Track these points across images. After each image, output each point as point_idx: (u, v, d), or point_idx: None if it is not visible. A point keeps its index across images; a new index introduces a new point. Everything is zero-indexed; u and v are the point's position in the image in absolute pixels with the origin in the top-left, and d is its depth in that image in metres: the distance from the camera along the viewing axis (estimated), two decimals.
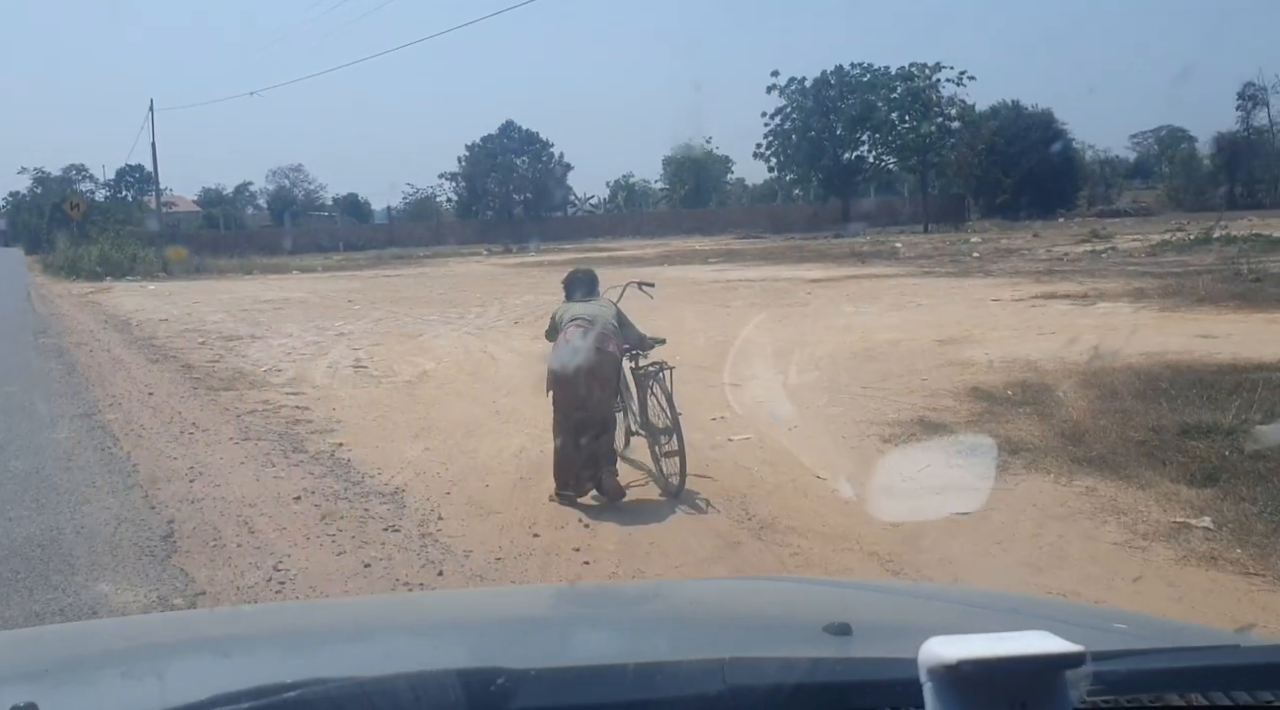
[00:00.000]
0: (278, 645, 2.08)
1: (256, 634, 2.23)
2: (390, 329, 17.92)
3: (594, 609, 2.47)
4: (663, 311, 18.52)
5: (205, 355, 14.94)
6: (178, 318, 21.44)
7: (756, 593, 2.53)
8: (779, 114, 59.83)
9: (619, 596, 2.85)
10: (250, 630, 2.32)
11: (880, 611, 2.17)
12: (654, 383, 6.90)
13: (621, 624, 2.19)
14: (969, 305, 16.96)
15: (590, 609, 2.48)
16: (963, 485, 6.45)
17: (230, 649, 2.03)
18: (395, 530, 6.09)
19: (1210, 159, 67.67)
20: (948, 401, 9.09)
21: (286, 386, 11.90)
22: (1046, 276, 21.67)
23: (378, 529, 6.10)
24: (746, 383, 10.67)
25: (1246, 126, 66.47)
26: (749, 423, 8.65)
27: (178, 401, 10.74)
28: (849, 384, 10.24)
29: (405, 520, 6.29)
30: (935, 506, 5.98)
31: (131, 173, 77.56)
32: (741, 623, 2.08)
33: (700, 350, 13.36)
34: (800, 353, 12.49)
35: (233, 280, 36.85)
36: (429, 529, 6.12)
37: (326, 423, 9.57)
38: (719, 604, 2.33)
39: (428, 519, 6.31)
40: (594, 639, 2.10)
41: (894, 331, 13.97)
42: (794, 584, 3.14)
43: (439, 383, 11.97)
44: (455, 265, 42.23)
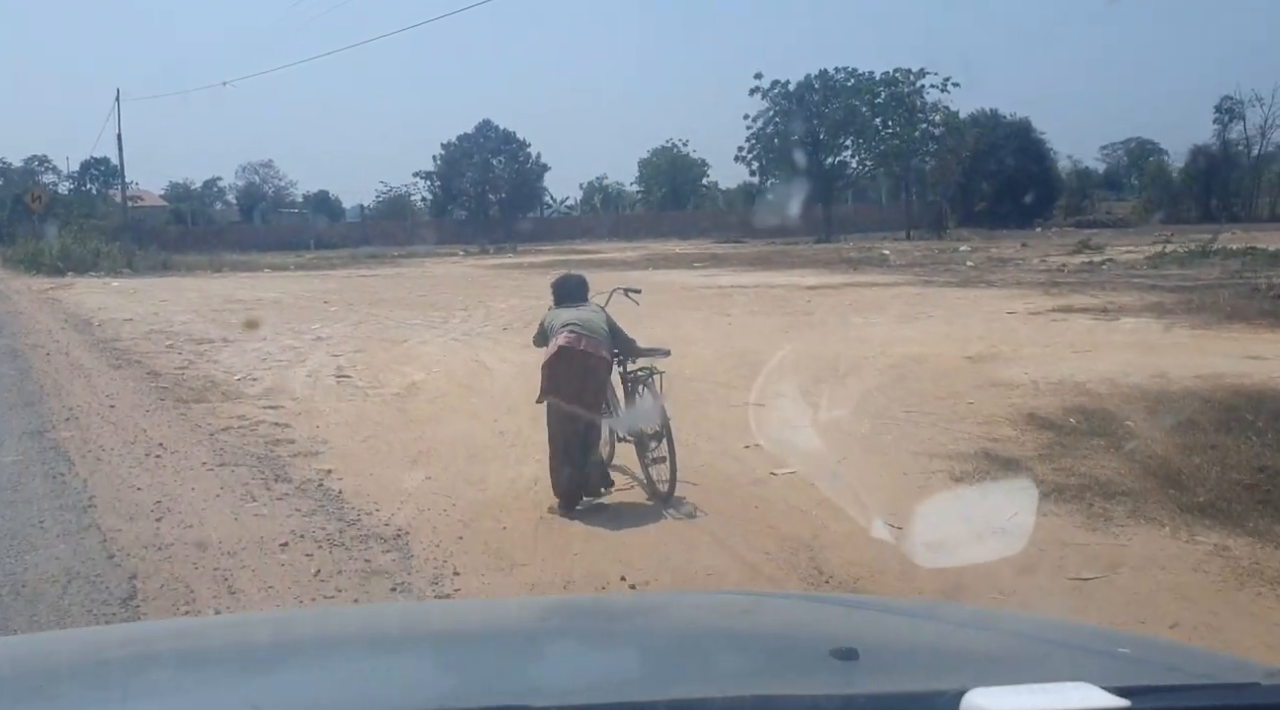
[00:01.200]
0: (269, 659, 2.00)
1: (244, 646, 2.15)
2: (371, 333, 16.87)
3: (594, 625, 2.37)
4: (659, 319, 17.66)
5: (173, 361, 13.85)
6: (143, 317, 20.26)
7: (760, 611, 2.43)
8: (761, 117, 59.02)
9: (620, 611, 2.67)
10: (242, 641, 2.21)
11: (887, 634, 2.08)
12: (644, 387, 6.85)
13: (626, 643, 2.14)
14: (984, 318, 16.11)
15: (590, 625, 2.38)
16: (1066, 540, 5.54)
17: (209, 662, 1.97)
18: (405, 589, 5.10)
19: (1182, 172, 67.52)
20: (1007, 430, 8.19)
21: (263, 398, 10.85)
22: (1053, 289, 20.88)
23: (383, 588, 5.10)
24: (771, 402, 9.74)
25: (1223, 140, 66.37)
26: (788, 451, 7.72)
27: (143, 416, 9.66)
28: (887, 406, 9.33)
29: (414, 575, 5.30)
30: (1047, 567, 5.07)
31: (97, 166, 75.55)
32: (747, 644, 2.03)
33: (710, 364, 12.44)
34: (821, 368, 11.58)
35: (201, 278, 35.57)
36: (444, 587, 5.14)
37: (311, 443, 8.55)
38: (722, 623, 2.27)
39: (441, 574, 5.33)
40: (598, 658, 2.01)
41: (914, 346, 13.08)
42: (798, 601, 2.94)
43: (431, 396, 10.96)
44: (432, 266, 41.09)
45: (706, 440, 8.13)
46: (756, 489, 6.72)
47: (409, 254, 52.56)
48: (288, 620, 3.15)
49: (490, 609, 3.16)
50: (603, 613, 2.66)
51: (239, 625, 2.91)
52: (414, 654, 2.02)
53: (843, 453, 7.60)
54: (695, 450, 7.78)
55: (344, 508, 6.54)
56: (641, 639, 2.16)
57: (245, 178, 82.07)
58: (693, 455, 7.61)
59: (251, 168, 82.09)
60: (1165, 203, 65.63)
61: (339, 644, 2.10)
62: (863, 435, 8.18)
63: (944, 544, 5.49)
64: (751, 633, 2.15)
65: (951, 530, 5.80)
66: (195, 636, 2.40)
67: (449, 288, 27.48)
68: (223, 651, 2.08)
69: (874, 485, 6.71)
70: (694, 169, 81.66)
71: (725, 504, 6.42)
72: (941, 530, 5.73)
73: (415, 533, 6.01)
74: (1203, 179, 65.46)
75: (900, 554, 5.43)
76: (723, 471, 7.17)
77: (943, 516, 6.06)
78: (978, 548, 5.32)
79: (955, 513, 6.18)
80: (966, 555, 5.18)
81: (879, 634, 2.06)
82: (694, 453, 7.70)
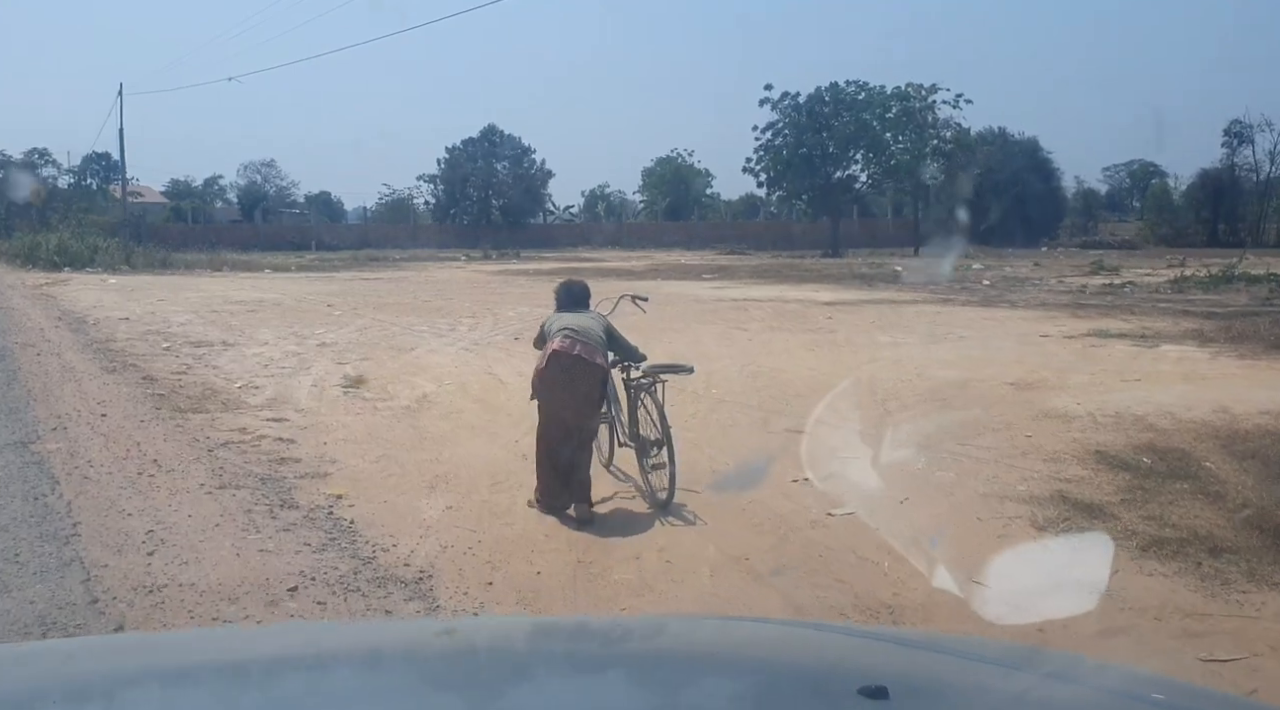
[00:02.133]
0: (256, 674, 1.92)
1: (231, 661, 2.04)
2: (377, 340, 16.19)
3: (608, 649, 2.23)
4: (676, 332, 17.01)
5: (170, 365, 13.16)
6: (140, 317, 19.58)
7: (785, 642, 2.28)
8: (770, 128, 58.36)
9: (639, 635, 2.48)
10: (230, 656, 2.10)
11: (918, 671, 1.91)
12: (646, 395, 6.84)
13: (642, 668, 2.03)
14: (1017, 341, 15.44)
15: (605, 649, 2.24)
16: (1184, 608, 4.86)
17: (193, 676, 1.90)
18: None
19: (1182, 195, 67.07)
20: (1077, 469, 7.51)
21: (266, 409, 10.18)
22: (1080, 311, 20.22)
23: None
24: (813, 429, 9.07)
25: (1232, 163, 65.90)
26: (841, 488, 7.05)
27: (136, 427, 8.97)
28: (939, 437, 8.67)
29: None
30: (1169, 642, 4.40)
31: (98, 160, 74.73)
32: (769, 676, 1.92)
33: (737, 383, 11.79)
34: (857, 391, 10.93)
35: (201, 276, 34.91)
36: None
37: (318, 462, 7.87)
38: (744, 653, 2.15)
39: None
40: (608, 685, 1.90)
41: (951, 369, 12.41)
42: (826, 634, 2.66)
43: (444, 410, 10.29)
44: (435, 270, 40.42)
45: (755, 474, 7.46)
46: (816, 534, 6.05)
47: (411, 257, 52.00)
48: (278, 633, 3.09)
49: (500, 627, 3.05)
50: (620, 636, 2.48)
51: (228, 638, 2.81)
52: (403, 672, 1.94)
53: (903, 491, 6.93)
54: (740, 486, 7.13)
55: (358, 542, 5.86)
56: (658, 665, 2.04)
57: (247, 176, 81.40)
58: (739, 497, 6.95)
59: (253, 166, 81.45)
60: (1171, 226, 65.19)
61: (324, 661, 2.04)
62: (919, 471, 7.51)
63: (1041, 607, 4.82)
64: (775, 664, 2.03)
65: (1047, 591, 5.12)
66: (183, 649, 2.29)
67: (454, 293, 26.83)
68: (209, 666, 1.99)
69: (947, 532, 6.04)
70: (698, 179, 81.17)
71: (787, 553, 5.75)
72: (1036, 591, 5.05)
73: (439, 575, 5.33)
74: (1210, 203, 65.02)
75: (992, 616, 4.75)
76: (774, 510, 6.50)
77: (1034, 573, 5.39)
78: (1084, 615, 4.65)
79: (1047, 568, 5.51)
80: (1075, 626, 4.50)
81: (914, 672, 1.92)
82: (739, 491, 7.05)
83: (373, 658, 2.09)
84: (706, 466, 7.67)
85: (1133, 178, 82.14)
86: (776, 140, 57.96)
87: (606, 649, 2.25)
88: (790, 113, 57.76)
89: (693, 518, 6.40)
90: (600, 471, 7.20)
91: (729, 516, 6.38)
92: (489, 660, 2.06)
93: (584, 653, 2.21)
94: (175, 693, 1.83)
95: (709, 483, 7.08)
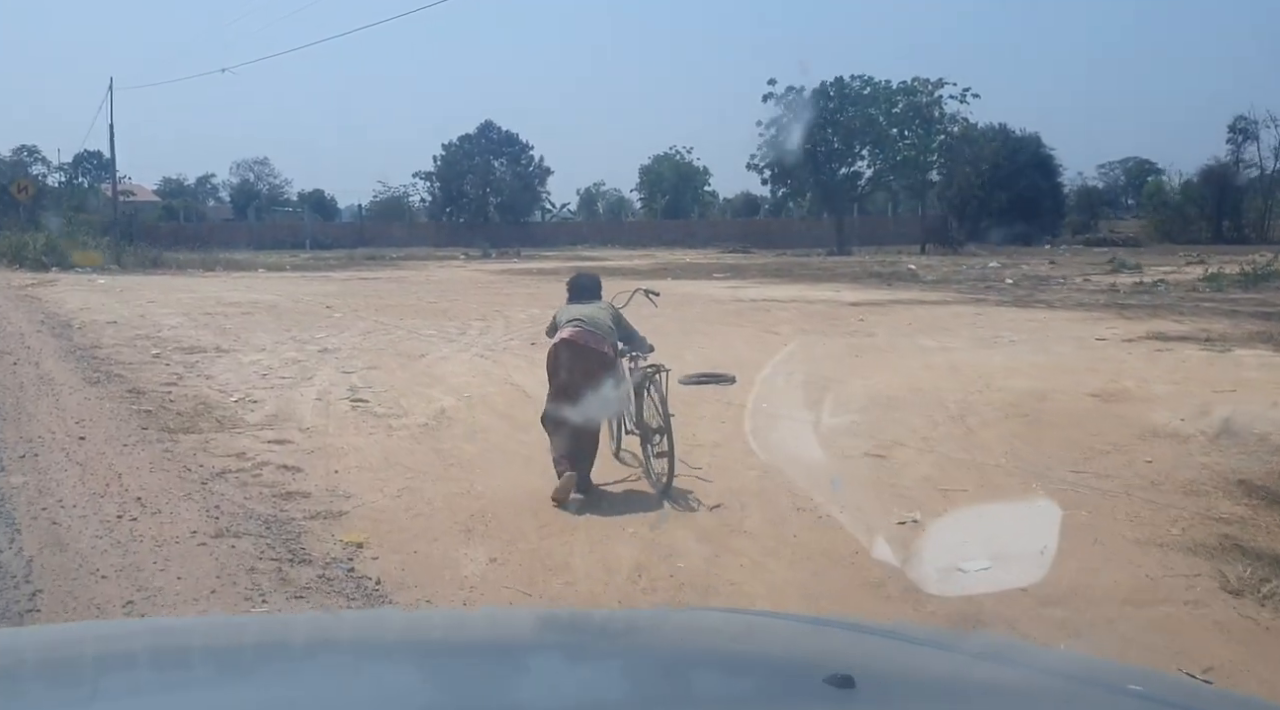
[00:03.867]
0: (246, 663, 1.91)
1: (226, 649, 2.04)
2: (383, 345, 15.03)
3: (576, 640, 2.22)
4: (703, 335, 15.85)
5: (160, 375, 11.98)
6: (128, 320, 18.36)
7: (755, 633, 2.22)
8: (774, 124, 57.16)
9: (608, 628, 2.44)
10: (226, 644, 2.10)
11: (886, 661, 1.90)
12: (650, 385, 7.01)
13: (609, 661, 2.00)
14: (1075, 345, 14.30)
15: (572, 640, 2.22)
16: None
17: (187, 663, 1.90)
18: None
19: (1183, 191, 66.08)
20: (1228, 505, 6.38)
21: (267, 428, 9.01)
22: (1125, 311, 19.06)
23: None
24: (892, 452, 7.94)
25: (1237, 160, 64.91)
26: (959, 533, 5.92)
27: (119, 453, 7.77)
28: (1045, 463, 7.53)
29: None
30: None
31: (89, 158, 73.59)
32: (735, 667, 1.94)
33: (787, 393, 10.63)
34: (928, 406, 9.79)
35: (193, 276, 33.65)
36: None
37: (331, 497, 6.71)
38: (712, 644, 2.12)
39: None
40: (575, 677, 1.88)
41: (1019, 378, 11.27)
42: (794, 623, 2.55)
43: (467, 429, 9.13)
44: (435, 270, 39.18)
45: (841, 509, 6.31)
46: (966, 607, 4.86)
47: (408, 256, 50.77)
48: (272, 623, 3.06)
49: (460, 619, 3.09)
50: (588, 628, 2.45)
51: (224, 627, 2.77)
52: (389, 664, 1.90)
53: (1035, 536, 5.76)
54: (834, 527, 5.98)
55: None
56: (626, 658, 2.01)
57: (239, 174, 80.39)
58: (836, 537, 5.80)
59: (246, 164, 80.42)
60: (1176, 222, 64.21)
61: (313, 651, 2.00)
62: (1044, 507, 6.36)
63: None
64: (742, 655, 2.02)
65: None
66: (175, 635, 2.28)
67: (458, 294, 25.63)
68: (203, 653, 1.95)
69: (1118, 597, 4.89)
70: (696, 177, 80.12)
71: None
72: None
73: None
74: (1214, 199, 64.05)
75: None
76: (896, 566, 5.34)
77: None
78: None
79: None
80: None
81: (880, 662, 1.88)
82: (833, 532, 5.89)
83: (370, 647, 2.06)
84: (787, 503, 6.52)
85: (1128, 175, 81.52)
86: (781, 136, 56.74)
87: (580, 641, 2.20)
88: (795, 108, 56.59)
89: (696, 504, 6.54)
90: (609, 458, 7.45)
91: (814, 559, 5.23)
92: (459, 649, 2.03)
93: (556, 644, 2.17)
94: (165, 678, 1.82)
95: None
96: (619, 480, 7.17)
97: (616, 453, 7.70)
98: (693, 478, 7.07)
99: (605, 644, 2.17)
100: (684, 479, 6.95)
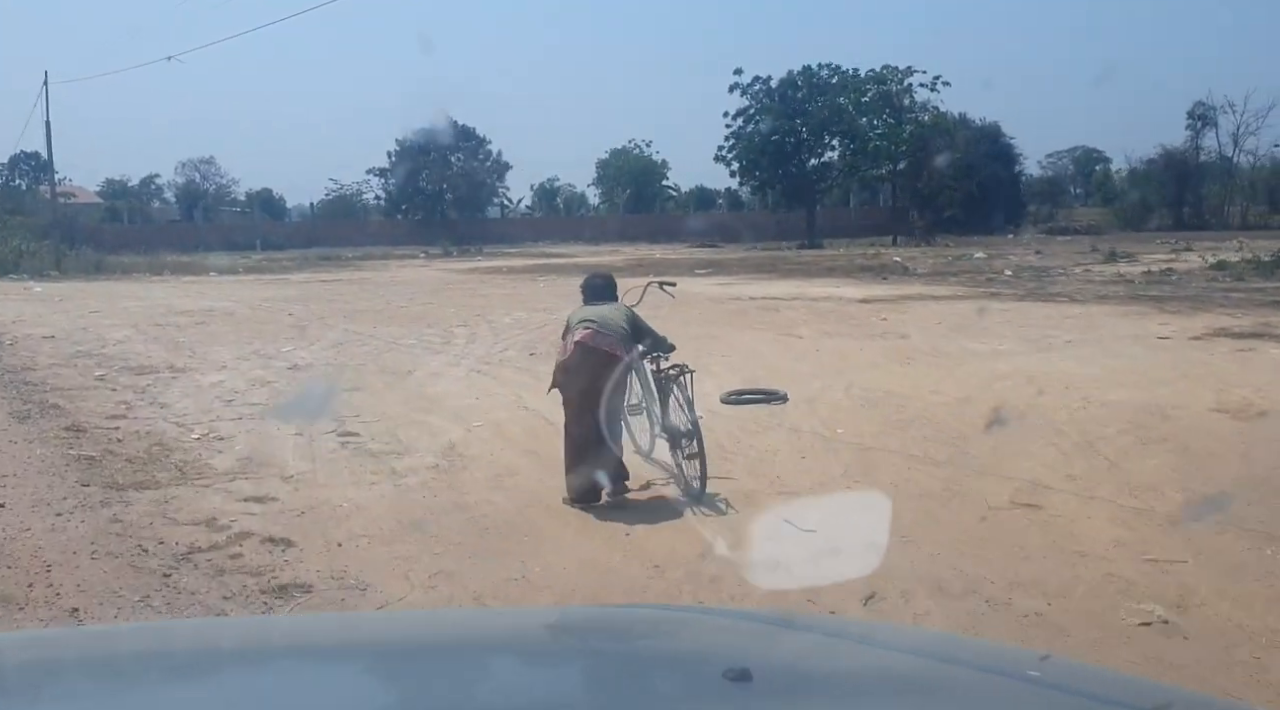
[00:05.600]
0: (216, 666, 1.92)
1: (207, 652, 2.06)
2: (361, 360, 13.23)
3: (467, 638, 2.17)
4: (719, 340, 14.09)
5: (104, 403, 10.12)
6: (68, 334, 16.37)
7: (654, 627, 2.23)
8: (741, 115, 55.47)
9: (502, 627, 2.38)
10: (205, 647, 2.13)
11: (782, 654, 1.94)
12: (674, 386, 6.82)
13: (504, 662, 1.98)
14: (1141, 346, 12.82)
15: (463, 638, 2.17)
16: None
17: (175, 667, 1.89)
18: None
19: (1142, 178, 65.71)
20: None
21: (240, 476, 7.24)
22: (1163, 304, 17.65)
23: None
24: (1044, 499, 6.32)
25: (1196, 147, 64.64)
26: (1212, 620, 4.31)
27: (49, 528, 5.93)
28: (1217, 500, 5.97)
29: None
30: None
31: (26, 160, 70.45)
32: (635, 661, 1.93)
33: (854, 414, 9.09)
34: (1035, 428, 8.22)
35: (139, 282, 31.42)
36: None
37: (340, 590, 4.99)
38: (612, 639, 2.13)
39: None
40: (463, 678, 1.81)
41: (1112, 388, 9.75)
42: (695, 616, 2.67)
43: (489, 471, 7.42)
44: (397, 270, 37.16)
45: (1048, 600, 4.66)
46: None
47: (365, 256, 48.68)
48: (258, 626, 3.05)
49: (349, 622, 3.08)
50: (480, 629, 2.39)
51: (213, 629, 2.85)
52: (351, 666, 1.94)
53: None
54: (1052, 627, 4.34)
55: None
56: (522, 658, 2.00)
57: (185, 174, 77.13)
58: (1065, 643, 4.16)
59: (191, 164, 77.18)
60: (1137, 210, 63.74)
61: (291, 653, 2.00)
62: (1266, 570, 4.78)
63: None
64: (639, 651, 2.02)
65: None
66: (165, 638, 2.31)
67: (430, 297, 23.71)
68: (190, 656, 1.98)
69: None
70: (655, 171, 78.47)
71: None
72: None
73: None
74: (1174, 186, 63.67)
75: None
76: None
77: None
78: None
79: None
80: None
81: (775, 653, 1.92)
82: (1058, 634, 4.26)
83: (357, 649, 2.05)
84: (959, 585, 4.87)
85: (1076, 164, 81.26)
86: (748, 127, 55.16)
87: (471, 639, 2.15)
88: (762, 98, 55.03)
89: (724, 507, 6.24)
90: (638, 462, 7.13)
91: None
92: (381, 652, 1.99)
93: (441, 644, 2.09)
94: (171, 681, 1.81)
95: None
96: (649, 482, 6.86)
97: (647, 456, 7.38)
98: (808, 547, 5.41)
99: (516, 644, 2.09)
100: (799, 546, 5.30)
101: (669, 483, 6.89)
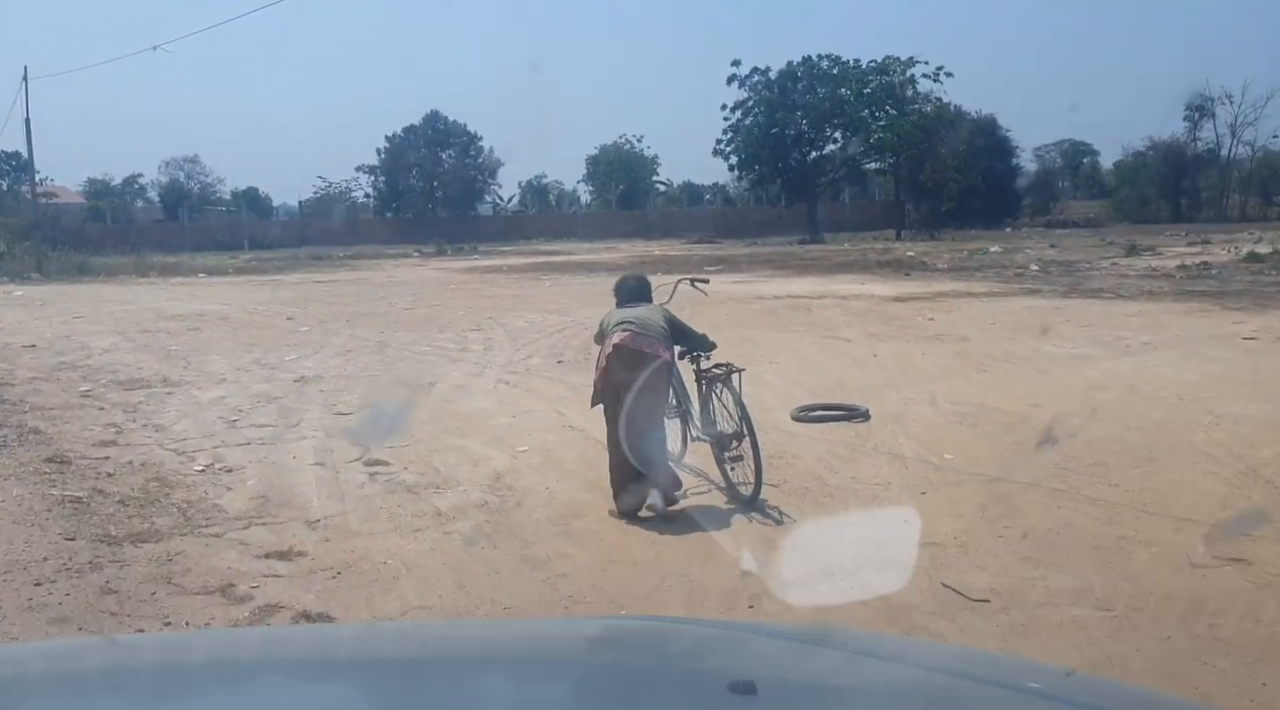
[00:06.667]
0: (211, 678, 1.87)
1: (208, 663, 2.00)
2: (374, 370, 12.04)
3: (481, 653, 2.16)
4: (760, 345, 12.85)
5: (92, 427, 8.91)
6: (50, 343, 15.08)
7: (658, 639, 2.22)
8: (739, 107, 54.19)
9: (508, 640, 2.37)
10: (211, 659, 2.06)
11: (787, 667, 1.92)
12: (721, 386, 6.57)
13: (509, 674, 1.96)
14: (1229, 348, 11.72)
15: (477, 653, 2.16)
16: None
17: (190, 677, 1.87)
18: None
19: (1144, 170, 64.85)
20: None
21: (256, 521, 6.06)
22: (1223, 300, 16.55)
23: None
24: (1252, 553, 5.17)
25: (1194, 139, 63.73)
26: None
27: (25, 603, 4.66)
28: None
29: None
30: None
31: (6, 159, 68.81)
32: (639, 674, 1.91)
33: (955, 434, 7.93)
34: (1174, 452, 7.10)
35: (125, 284, 30.02)
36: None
37: None
38: (615, 652, 2.13)
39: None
40: (475, 689, 1.84)
41: (1231, 401, 8.68)
42: (699, 628, 2.53)
43: (550, 511, 6.27)
44: (393, 269, 35.83)
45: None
46: None
47: (356, 255, 47.30)
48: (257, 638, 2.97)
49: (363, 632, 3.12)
50: (489, 641, 2.38)
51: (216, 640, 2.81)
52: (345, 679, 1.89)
53: None
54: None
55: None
56: (528, 670, 1.97)
57: (169, 173, 75.50)
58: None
59: (175, 163, 75.57)
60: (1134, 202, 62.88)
61: (301, 665, 1.98)
62: None
63: None
64: (645, 664, 2.00)
65: None
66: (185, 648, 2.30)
67: (433, 298, 22.44)
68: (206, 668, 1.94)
69: None
70: (646, 166, 77.30)
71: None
72: None
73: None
74: (1172, 178, 62.84)
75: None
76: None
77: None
78: None
79: None
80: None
81: (780, 666, 1.91)
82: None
83: (365, 661, 2.02)
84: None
85: (1064, 157, 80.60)
86: (747, 120, 53.94)
87: (484, 653, 2.13)
88: (761, 90, 53.82)
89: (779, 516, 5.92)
90: None
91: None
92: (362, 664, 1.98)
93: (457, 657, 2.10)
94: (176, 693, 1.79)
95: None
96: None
97: (678, 461, 7.02)
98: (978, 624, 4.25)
99: (523, 656, 2.09)
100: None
101: (709, 490, 6.61)
